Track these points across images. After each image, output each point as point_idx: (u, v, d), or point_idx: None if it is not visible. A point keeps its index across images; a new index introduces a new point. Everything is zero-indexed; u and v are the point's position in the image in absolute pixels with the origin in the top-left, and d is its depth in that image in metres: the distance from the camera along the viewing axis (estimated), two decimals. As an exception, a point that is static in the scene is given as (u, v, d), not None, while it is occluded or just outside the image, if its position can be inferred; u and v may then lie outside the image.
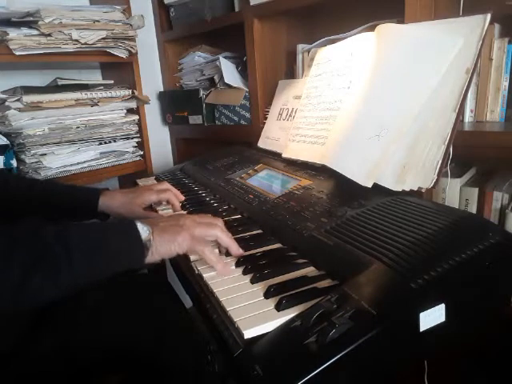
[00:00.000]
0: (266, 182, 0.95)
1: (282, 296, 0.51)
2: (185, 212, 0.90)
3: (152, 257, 0.59)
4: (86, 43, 1.18)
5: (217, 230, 0.64)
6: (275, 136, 1.14)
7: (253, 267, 0.61)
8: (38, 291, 0.50)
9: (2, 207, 0.84)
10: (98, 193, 0.87)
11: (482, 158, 0.90)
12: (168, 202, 0.91)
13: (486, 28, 0.68)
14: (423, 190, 0.69)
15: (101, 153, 1.33)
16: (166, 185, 0.92)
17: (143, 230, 0.58)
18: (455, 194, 0.81)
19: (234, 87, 1.33)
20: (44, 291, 0.50)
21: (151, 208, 0.93)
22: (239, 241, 0.71)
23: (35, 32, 1.10)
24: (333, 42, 1.03)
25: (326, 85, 0.97)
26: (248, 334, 0.46)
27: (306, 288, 0.54)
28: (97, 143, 1.32)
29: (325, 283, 0.56)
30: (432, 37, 0.75)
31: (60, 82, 1.26)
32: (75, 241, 0.53)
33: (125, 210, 0.86)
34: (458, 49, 0.70)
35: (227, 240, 0.65)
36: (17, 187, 0.86)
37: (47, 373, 0.69)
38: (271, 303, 0.51)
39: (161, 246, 0.59)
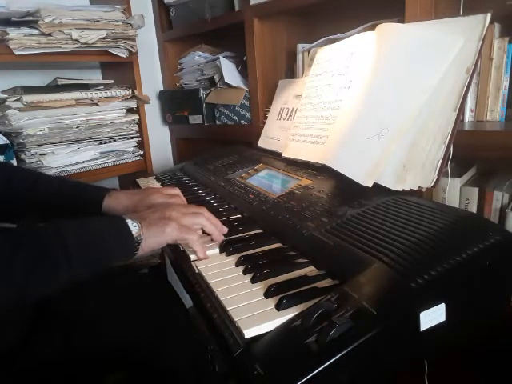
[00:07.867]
0: (266, 181, 0.95)
1: (282, 295, 0.51)
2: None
3: (142, 250, 0.62)
4: (86, 43, 1.18)
5: (202, 219, 0.69)
6: (275, 136, 1.14)
7: (253, 267, 0.61)
8: (40, 287, 0.54)
9: (4, 204, 0.84)
10: (102, 195, 0.83)
11: (482, 157, 0.89)
12: None
13: (486, 27, 0.68)
14: (423, 190, 0.69)
15: (101, 152, 1.34)
16: (177, 190, 0.86)
17: (133, 225, 0.61)
18: (455, 193, 0.81)
19: (234, 87, 1.33)
20: (45, 287, 0.54)
21: None
22: (239, 240, 0.71)
23: (35, 32, 1.10)
24: (333, 41, 1.03)
25: (327, 84, 0.97)
26: (248, 333, 0.46)
27: (306, 287, 0.54)
28: (97, 143, 1.32)
29: (325, 283, 0.56)
30: (432, 36, 0.75)
31: (60, 82, 1.26)
32: (72, 241, 0.56)
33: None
34: (458, 48, 0.70)
35: (211, 228, 0.70)
36: (20, 185, 0.85)
37: (48, 372, 0.69)
38: (271, 303, 0.51)
39: (150, 239, 0.62)
